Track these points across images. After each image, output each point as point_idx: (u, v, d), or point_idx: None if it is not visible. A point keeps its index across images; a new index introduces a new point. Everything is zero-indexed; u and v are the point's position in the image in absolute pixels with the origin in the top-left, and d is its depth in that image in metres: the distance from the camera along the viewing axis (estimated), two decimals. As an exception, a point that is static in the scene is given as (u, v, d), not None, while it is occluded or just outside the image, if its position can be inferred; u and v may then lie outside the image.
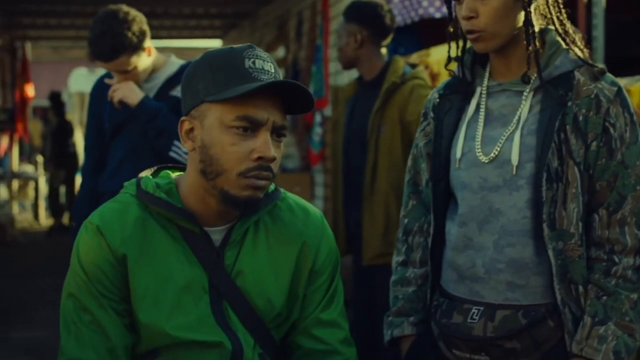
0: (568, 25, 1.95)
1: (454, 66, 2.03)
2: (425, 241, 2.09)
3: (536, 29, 1.91)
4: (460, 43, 2.00)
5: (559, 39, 1.93)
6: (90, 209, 2.69)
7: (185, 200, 1.71)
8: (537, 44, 1.87)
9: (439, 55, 4.20)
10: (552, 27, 1.95)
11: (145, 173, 1.79)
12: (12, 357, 5.10)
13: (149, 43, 3.22)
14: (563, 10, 1.95)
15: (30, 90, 11.68)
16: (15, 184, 12.32)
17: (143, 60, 3.22)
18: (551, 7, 1.93)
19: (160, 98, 3.32)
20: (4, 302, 6.40)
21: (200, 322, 1.69)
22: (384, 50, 3.74)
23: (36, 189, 12.37)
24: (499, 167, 1.90)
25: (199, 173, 1.66)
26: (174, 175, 1.79)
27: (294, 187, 7.18)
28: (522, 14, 1.89)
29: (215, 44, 13.92)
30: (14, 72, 11.80)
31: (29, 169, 13.34)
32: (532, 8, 1.88)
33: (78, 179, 9.60)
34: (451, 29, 2.01)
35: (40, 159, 12.51)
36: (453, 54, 2.02)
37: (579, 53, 1.92)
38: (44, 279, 6.95)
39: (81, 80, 16.92)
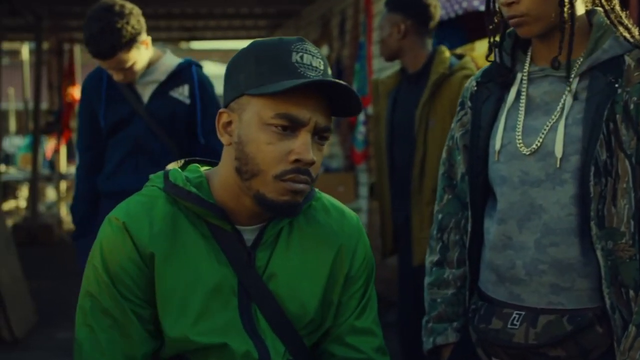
0: (617, 6, 1.80)
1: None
2: (462, 239, 1.95)
3: (582, 10, 1.76)
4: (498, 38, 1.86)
5: (607, 20, 1.77)
6: (89, 208, 2.60)
7: (216, 196, 1.60)
8: (574, 25, 1.72)
9: (484, 49, 4.04)
10: (599, 8, 1.80)
11: (173, 166, 1.69)
12: (58, 357, 5.09)
13: (145, 36, 3.14)
14: None
15: (77, 93, 11.73)
16: (63, 185, 12.40)
17: (141, 55, 3.13)
18: None
19: (159, 98, 3.24)
20: (50, 303, 6.41)
21: (227, 326, 1.58)
22: (428, 41, 3.58)
23: (83, 190, 12.39)
24: (542, 159, 1.75)
25: (234, 170, 1.56)
26: (203, 169, 1.68)
27: (338, 187, 7.08)
28: None
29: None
30: (62, 74, 11.88)
31: (76, 170, 13.39)
32: None
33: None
34: (491, 22, 1.87)
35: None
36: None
37: (629, 36, 1.76)
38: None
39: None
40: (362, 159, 6.89)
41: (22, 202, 12.56)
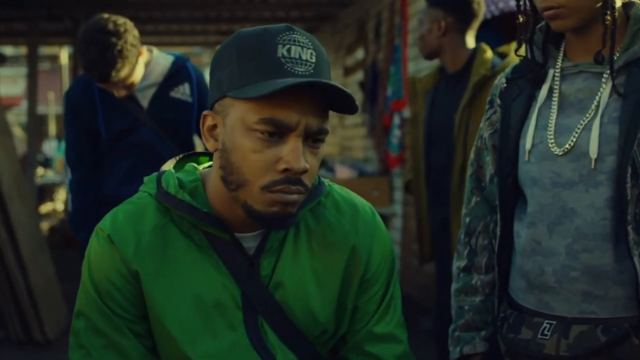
0: None
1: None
2: (490, 243, 1.85)
3: (619, 2, 1.67)
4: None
5: None
6: (95, 217, 2.48)
7: (212, 202, 1.46)
8: (617, 17, 1.62)
9: (521, 53, 3.93)
10: (637, 0, 1.70)
11: (169, 164, 1.56)
12: None
13: (141, 46, 3.03)
14: None
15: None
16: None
17: (140, 66, 3.05)
18: None
19: (159, 101, 3.14)
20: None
21: (233, 345, 1.45)
22: (470, 39, 3.40)
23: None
24: (575, 160, 1.65)
25: (220, 179, 1.42)
26: (202, 167, 1.55)
27: (372, 191, 6.98)
28: None
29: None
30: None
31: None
32: None
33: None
34: (522, 18, 1.78)
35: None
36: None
37: None
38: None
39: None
40: (397, 163, 6.79)
41: (60, 205, 12.64)
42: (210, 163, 1.58)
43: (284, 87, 1.30)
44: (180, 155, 1.59)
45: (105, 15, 2.96)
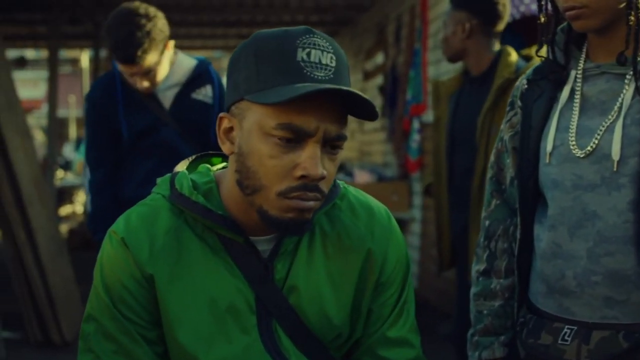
0: None
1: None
2: (510, 247, 1.82)
3: None
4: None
5: None
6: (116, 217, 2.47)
7: (226, 204, 1.43)
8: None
9: (542, 54, 3.89)
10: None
11: (183, 165, 1.53)
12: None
13: (168, 39, 3.02)
14: None
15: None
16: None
17: (166, 59, 3.02)
18: None
19: (182, 101, 3.12)
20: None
21: (247, 350, 1.43)
22: (494, 42, 3.34)
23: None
24: (597, 162, 1.62)
25: (236, 183, 1.40)
26: (216, 168, 1.52)
27: (391, 195, 6.96)
28: None
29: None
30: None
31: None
32: None
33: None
34: (543, 18, 1.75)
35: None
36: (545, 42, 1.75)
37: None
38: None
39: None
40: (416, 168, 6.76)
41: (79, 208, 12.70)
42: (223, 164, 1.56)
43: (304, 94, 1.28)
44: (193, 156, 1.57)
45: (137, 2, 2.98)
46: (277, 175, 1.33)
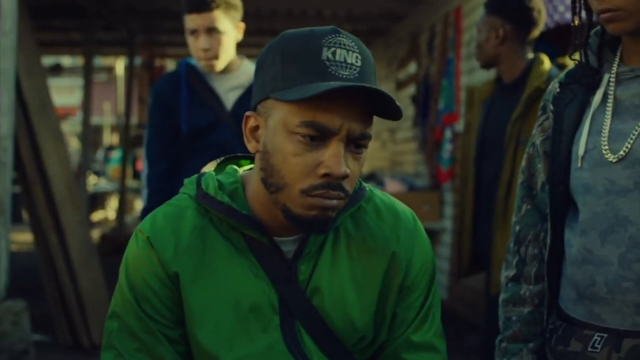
0: None
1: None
2: (540, 253, 1.79)
3: None
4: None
5: None
6: None
7: (251, 205, 1.44)
8: None
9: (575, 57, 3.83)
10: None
11: (210, 167, 1.54)
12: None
13: (240, 21, 3.08)
14: None
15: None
16: (151, 198, 12.56)
17: (232, 33, 3.05)
18: None
19: (244, 104, 3.11)
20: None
21: (269, 349, 1.42)
22: (528, 49, 3.30)
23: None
24: (630, 167, 1.59)
25: (260, 181, 1.40)
26: (242, 170, 1.53)
27: (422, 205, 6.93)
28: None
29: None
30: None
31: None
32: None
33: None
34: (577, 21, 1.72)
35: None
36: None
37: None
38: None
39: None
40: (448, 178, 6.73)
41: (111, 213, 12.80)
42: (250, 166, 1.56)
43: (326, 91, 1.27)
44: (222, 158, 1.57)
45: None
46: (301, 173, 1.33)
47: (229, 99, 3.17)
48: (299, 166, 1.33)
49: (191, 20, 3.02)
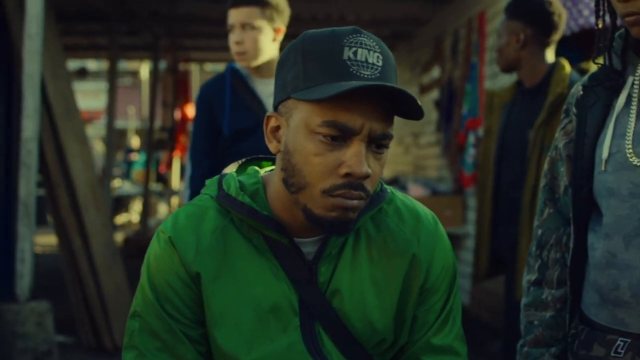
0: None
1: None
2: (563, 257, 1.78)
3: None
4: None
5: None
6: None
7: (272, 205, 1.44)
8: None
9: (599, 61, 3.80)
10: None
11: (231, 168, 1.55)
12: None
13: (280, 27, 3.15)
14: None
15: (190, 111, 11.95)
16: (175, 200, 12.64)
17: (267, 32, 3.11)
18: None
19: None
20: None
21: (289, 350, 1.42)
22: (549, 53, 3.29)
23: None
24: None
25: (282, 181, 1.41)
26: (264, 171, 1.53)
27: (445, 210, 6.90)
28: None
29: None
30: (176, 93, 12.12)
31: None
32: None
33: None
34: (600, 24, 1.71)
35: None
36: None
37: None
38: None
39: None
40: (471, 182, 6.69)
41: (135, 216, 12.86)
42: (272, 167, 1.56)
43: (347, 90, 1.27)
44: (243, 159, 1.58)
45: None
46: (322, 173, 1.33)
47: (270, 103, 3.18)
48: (320, 166, 1.33)
49: (230, 17, 3.13)
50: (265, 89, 3.19)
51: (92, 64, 17.95)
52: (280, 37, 3.15)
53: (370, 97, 1.32)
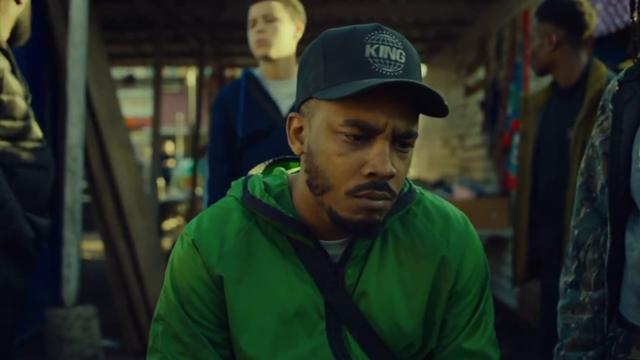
0: None
1: None
2: (600, 257, 1.73)
3: None
4: None
5: None
6: None
7: (297, 207, 1.41)
8: None
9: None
10: None
11: (258, 169, 1.52)
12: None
13: (300, 24, 3.18)
14: None
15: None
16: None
17: (288, 25, 3.15)
18: None
19: None
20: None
21: (314, 354, 1.39)
22: (583, 53, 3.27)
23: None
24: None
25: (306, 184, 1.37)
26: (290, 172, 1.50)
27: (491, 212, 6.81)
28: None
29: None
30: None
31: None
32: None
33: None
34: (637, 17, 1.66)
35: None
36: None
37: None
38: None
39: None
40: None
41: (183, 222, 12.94)
42: (299, 168, 1.53)
43: (369, 87, 1.24)
44: (270, 160, 1.55)
45: None
46: (346, 174, 1.30)
47: (286, 105, 3.20)
48: (343, 166, 1.29)
49: (251, 12, 3.16)
50: (280, 91, 3.20)
51: (140, 72, 18.16)
52: (299, 35, 3.18)
53: (393, 95, 1.27)
